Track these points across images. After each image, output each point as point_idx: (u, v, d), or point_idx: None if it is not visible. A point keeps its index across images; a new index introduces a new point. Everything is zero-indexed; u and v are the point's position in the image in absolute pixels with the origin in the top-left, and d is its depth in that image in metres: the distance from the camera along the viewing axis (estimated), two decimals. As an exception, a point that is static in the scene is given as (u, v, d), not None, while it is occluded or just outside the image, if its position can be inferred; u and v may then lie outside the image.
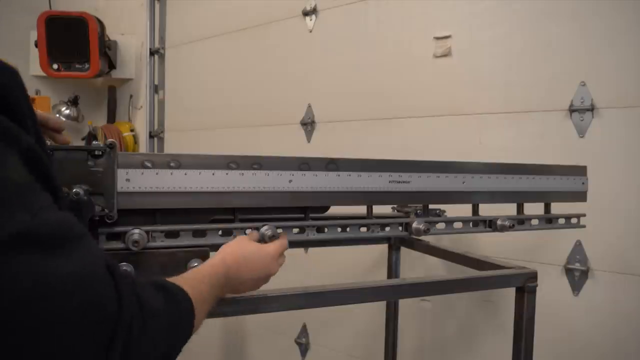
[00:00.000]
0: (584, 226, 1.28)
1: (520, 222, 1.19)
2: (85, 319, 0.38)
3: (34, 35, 2.32)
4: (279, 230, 0.91)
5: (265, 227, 0.89)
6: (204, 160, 0.87)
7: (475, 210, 1.16)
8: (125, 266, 0.78)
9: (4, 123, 0.38)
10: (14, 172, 0.37)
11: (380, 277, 1.71)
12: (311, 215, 0.99)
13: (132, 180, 0.81)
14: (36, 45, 2.29)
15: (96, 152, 0.78)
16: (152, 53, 2.55)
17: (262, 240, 0.88)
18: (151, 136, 2.58)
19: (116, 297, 0.42)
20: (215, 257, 0.76)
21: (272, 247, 0.84)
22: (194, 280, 0.64)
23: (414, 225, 1.05)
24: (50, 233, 0.37)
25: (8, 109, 0.40)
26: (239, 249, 0.78)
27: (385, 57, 1.79)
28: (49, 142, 0.75)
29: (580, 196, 1.25)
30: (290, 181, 0.93)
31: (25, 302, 0.34)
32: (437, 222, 1.12)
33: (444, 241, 1.48)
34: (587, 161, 1.29)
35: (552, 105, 1.49)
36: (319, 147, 1.95)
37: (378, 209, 1.07)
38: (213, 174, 0.87)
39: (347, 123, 1.90)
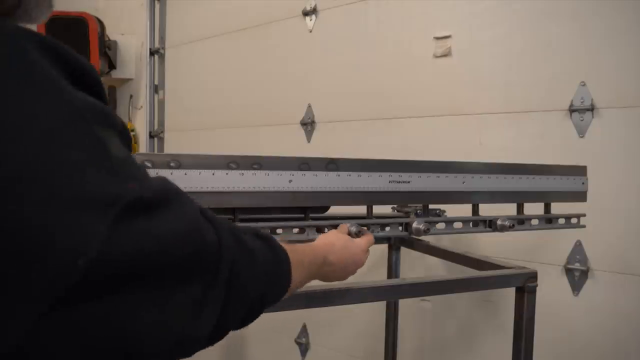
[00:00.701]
0: (584, 226, 1.28)
1: (520, 222, 1.19)
2: (194, 264, 0.43)
3: (34, 35, 2.32)
4: (364, 228, 0.95)
5: (349, 224, 0.92)
6: (204, 160, 0.87)
7: (475, 210, 1.16)
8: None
9: (105, 108, 0.42)
10: (116, 148, 0.40)
11: (380, 277, 1.71)
12: (311, 215, 0.99)
13: (132, 180, 0.81)
14: (36, 45, 2.28)
15: None
16: (152, 53, 2.55)
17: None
18: (151, 136, 2.58)
19: (218, 241, 0.47)
20: (317, 241, 0.80)
21: (362, 240, 0.87)
22: (296, 248, 0.67)
23: (414, 225, 1.05)
24: (155, 196, 0.41)
25: (101, 93, 0.44)
26: (337, 239, 0.82)
27: (385, 57, 1.79)
28: None
29: (580, 196, 1.25)
30: (290, 181, 0.93)
31: (146, 259, 0.39)
32: (437, 222, 1.12)
33: (444, 241, 1.48)
34: (587, 161, 1.29)
35: (552, 105, 1.49)
36: (319, 147, 1.96)
37: (378, 209, 1.07)
38: (213, 174, 0.87)
39: (347, 123, 1.90)
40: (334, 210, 1.03)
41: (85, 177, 0.37)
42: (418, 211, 1.19)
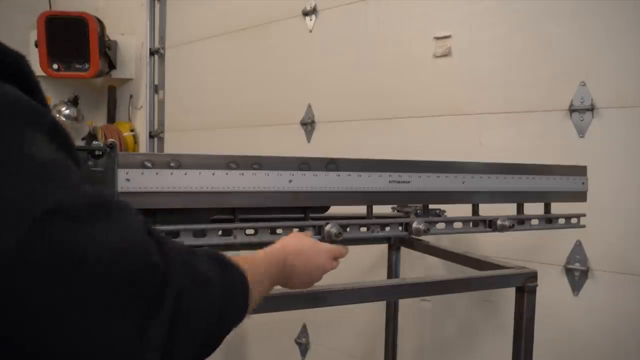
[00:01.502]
0: (584, 226, 1.27)
1: (520, 222, 1.19)
2: (128, 289, 0.37)
3: (34, 35, 2.32)
4: (348, 229, 0.94)
5: (329, 225, 0.91)
6: (204, 160, 0.87)
7: (475, 210, 1.16)
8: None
9: (23, 100, 0.37)
10: (38, 149, 0.35)
11: (380, 277, 1.71)
12: (311, 215, 0.99)
13: (132, 180, 0.81)
14: (36, 45, 2.29)
15: (97, 152, 0.79)
16: (152, 53, 2.55)
17: (327, 238, 0.90)
18: (151, 136, 2.58)
19: (163, 265, 0.40)
20: (275, 244, 0.74)
21: (330, 245, 0.83)
22: (251, 260, 0.62)
23: (414, 225, 1.05)
24: (88, 204, 0.36)
25: (29, 86, 0.39)
26: (299, 241, 0.77)
27: (385, 57, 1.79)
28: None
29: (580, 196, 1.25)
30: (290, 181, 0.93)
31: (64, 274, 0.33)
32: (437, 222, 1.12)
33: (444, 241, 1.48)
34: (587, 161, 1.29)
35: (552, 105, 1.49)
36: (319, 147, 1.95)
37: (378, 209, 1.07)
38: (213, 174, 0.87)
39: (347, 123, 1.90)
40: (334, 210, 1.03)
41: None
42: (418, 211, 1.19)
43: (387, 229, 1.06)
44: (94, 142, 0.81)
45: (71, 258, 0.34)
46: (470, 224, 1.15)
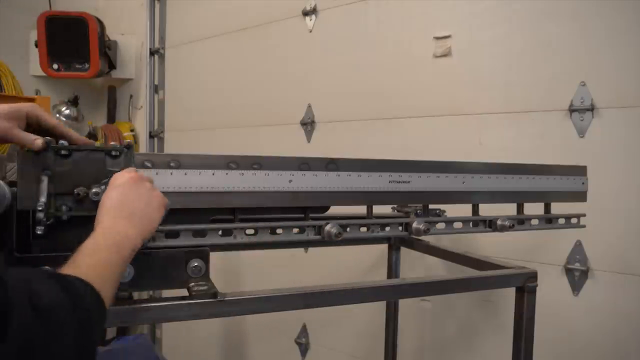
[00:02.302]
0: (584, 226, 1.27)
1: (520, 222, 1.19)
2: None
3: (34, 35, 2.32)
4: (348, 229, 0.94)
5: (329, 225, 0.91)
6: (204, 160, 0.87)
7: (475, 210, 1.16)
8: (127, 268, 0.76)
9: None
10: None
11: (380, 277, 1.71)
12: (311, 215, 0.99)
13: (132, 180, 0.81)
14: (36, 45, 2.29)
15: (113, 153, 0.80)
16: (152, 53, 2.55)
17: (327, 238, 0.90)
18: (151, 136, 2.58)
19: (4, 305, 0.39)
20: (102, 210, 0.72)
21: (154, 195, 0.78)
22: (91, 259, 0.61)
23: (414, 225, 1.05)
24: None
25: None
26: (120, 191, 0.74)
27: (385, 57, 1.79)
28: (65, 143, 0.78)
29: (580, 196, 1.25)
30: (290, 181, 0.93)
31: None
32: (437, 222, 1.12)
33: (444, 241, 1.48)
34: (587, 161, 1.29)
35: (552, 105, 1.49)
36: (319, 147, 1.95)
37: (378, 209, 1.07)
38: (213, 174, 0.87)
39: (347, 123, 1.90)
40: (334, 210, 1.03)
41: None
42: (418, 211, 1.19)
43: (387, 229, 1.06)
44: (111, 143, 0.82)
45: None
46: (470, 224, 1.15)
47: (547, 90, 1.50)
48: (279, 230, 0.97)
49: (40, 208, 0.72)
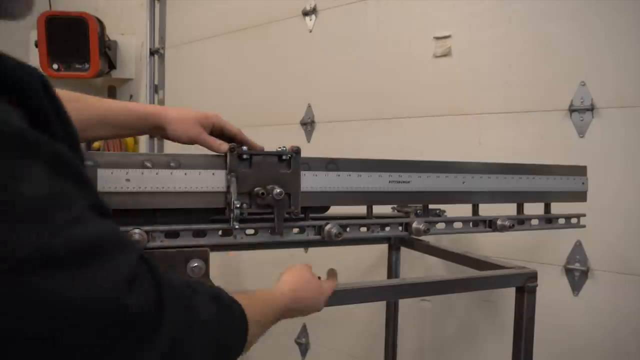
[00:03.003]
0: (584, 226, 1.27)
1: (520, 222, 1.19)
2: (116, 341, 0.36)
3: (34, 35, 2.32)
4: (348, 229, 0.97)
5: (329, 225, 0.93)
6: (204, 160, 0.87)
7: (475, 210, 1.16)
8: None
9: (19, 130, 0.34)
10: (31, 185, 0.33)
11: (380, 277, 1.71)
12: (311, 215, 0.99)
13: (132, 180, 0.81)
14: (36, 45, 2.29)
15: (284, 157, 0.90)
16: (152, 53, 2.55)
17: (327, 238, 0.93)
18: (151, 136, 2.58)
19: (156, 310, 0.39)
20: (283, 284, 0.77)
21: (329, 287, 0.86)
22: (254, 301, 0.63)
23: (414, 225, 1.05)
24: (71, 252, 0.34)
25: (30, 111, 0.36)
26: (303, 283, 0.79)
27: (385, 57, 1.79)
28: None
29: (580, 196, 1.25)
30: (290, 181, 0.93)
31: (44, 329, 0.32)
32: (437, 222, 1.12)
33: (444, 241, 1.48)
34: (587, 161, 1.29)
35: (552, 105, 1.49)
36: (319, 147, 1.95)
37: (378, 209, 1.07)
38: (213, 174, 0.87)
39: (347, 123, 1.90)
40: (334, 210, 1.03)
41: None
42: (418, 211, 1.19)
43: (387, 229, 1.06)
44: (281, 148, 0.91)
45: (50, 307, 0.32)
46: (470, 224, 1.15)
47: (547, 90, 1.50)
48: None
49: (237, 205, 0.81)
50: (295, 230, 0.97)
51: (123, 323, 0.37)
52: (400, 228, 1.07)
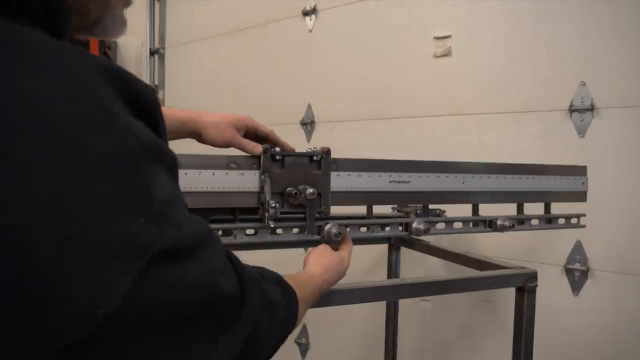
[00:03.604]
0: (584, 226, 1.27)
1: (520, 222, 1.19)
2: (217, 318, 0.43)
3: (34, 35, 2.32)
4: (347, 229, 0.98)
5: (329, 225, 0.93)
6: (204, 160, 0.87)
7: (475, 210, 1.16)
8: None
9: (151, 139, 0.39)
10: (160, 189, 0.38)
11: (380, 277, 1.71)
12: (311, 215, 0.99)
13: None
14: (36, 45, 2.28)
15: (315, 158, 0.93)
16: (152, 53, 2.55)
17: (328, 238, 0.93)
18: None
19: (239, 294, 0.46)
20: (313, 267, 0.81)
21: (347, 254, 0.90)
22: (302, 283, 0.69)
23: (414, 225, 1.05)
24: (188, 243, 0.40)
25: (155, 123, 0.41)
26: (330, 262, 0.84)
27: (385, 57, 1.79)
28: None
29: (580, 196, 1.25)
30: (290, 181, 0.93)
31: (168, 310, 0.37)
32: (437, 222, 1.12)
33: (444, 241, 1.48)
34: (587, 161, 1.29)
35: (552, 105, 1.49)
36: (319, 147, 1.95)
37: (378, 209, 1.07)
38: (213, 174, 0.87)
39: (347, 123, 1.90)
40: (334, 210, 1.03)
41: (117, 223, 0.34)
42: (418, 211, 1.19)
43: (387, 229, 1.06)
44: (312, 149, 0.94)
45: (175, 293, 0.38)
46: (470, 224, 1.15)
47: (547, 90, 1.50)
48: (279, 230, 0.97)
49: (273, 205, 0.84)
50: (295, 230, 0.97)
51: (225, 304, 0.44)
52: (400, 228, 1.07)
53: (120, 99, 0.38)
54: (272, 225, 0.87)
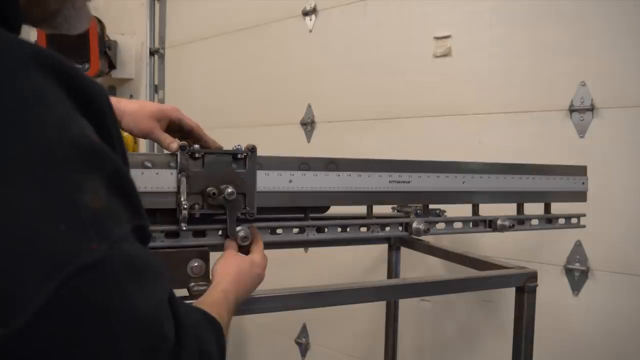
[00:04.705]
0: (584, 226, 1.27)
1: (520, 222, 1.19)
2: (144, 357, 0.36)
3: (33, 35, 2.32)
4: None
5: (238, 228, 0.88)
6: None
7: (475, 210, 1.16)
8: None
9: (96, 147, 0.36)
10: (92, 197, 0.34)
11: (380, 277, 1.71)
12: (311, 215, 0.99)
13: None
14: (36, 45, 2.28)
15: (239, 156, 0.87)
16: (152, 53, 2.55)
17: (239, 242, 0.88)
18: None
19: (176, 339, 0.40)
20: (221, 278, 0.77)
21: (259, 257, 0.84)
22: (219, 308, 0.65)
23: (414, 225, 1.05)
24: (125, 264, 0.35)
25: (98, 123, 0.38)
26: (239, 270, 0.79)
27: (385, 57, 1.79)
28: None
29: (580, 196, 1.25)
30: (290, 181, 0.93)
31: (87, 340, 0.32)
32: (437, 222, 1.12)
33: (444, 241, 1.48)
34: (587, 161, 1.29)
35: (552, 105, 1.49)
36: (319, 147, 1.95)
37: (378, 209, 1.07)
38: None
39: (347, 123, 1.90)
40: (334, 210, 1.03)
41: (33, 229, 0.30)
42: (418, 211, 1.19)
43: (387, 229, 1.06)
44: (236, 146, 0.88)
45: (99, 322, 0.32)
46: (470, 224, 1.15)
47: (547, 90, 1.50)
48: (279, 230, 0.97)
49: (185, 206, 0.79)
50: (295, 230, 0.97)
51: (158, 345, 0.37)
52: (400, 228, 1.07)
53: (63, 92, 0.35)
54: (184, 228, 0.81)
